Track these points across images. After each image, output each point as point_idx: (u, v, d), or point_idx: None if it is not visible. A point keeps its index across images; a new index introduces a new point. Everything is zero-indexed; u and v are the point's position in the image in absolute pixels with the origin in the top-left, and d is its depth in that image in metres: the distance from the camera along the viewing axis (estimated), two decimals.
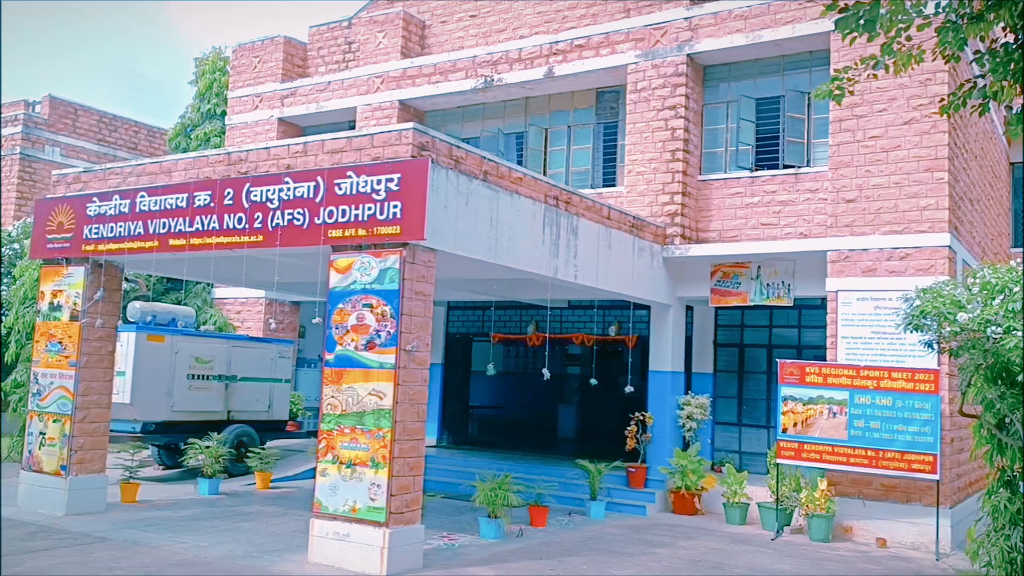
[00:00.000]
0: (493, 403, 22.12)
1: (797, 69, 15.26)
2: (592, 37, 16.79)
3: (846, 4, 5.11)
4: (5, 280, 19.34)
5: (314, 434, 19.49)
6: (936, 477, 12.06)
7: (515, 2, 18.66)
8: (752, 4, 15.06)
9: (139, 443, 15.38)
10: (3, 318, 18.47)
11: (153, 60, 75.28)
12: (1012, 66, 5.10)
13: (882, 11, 4.94)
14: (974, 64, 5.85)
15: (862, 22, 5.01)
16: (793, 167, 15.06)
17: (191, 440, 15.48)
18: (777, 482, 13.24)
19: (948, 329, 9.68)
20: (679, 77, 15.68)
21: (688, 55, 15.67)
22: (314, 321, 10.75)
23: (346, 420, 9.76)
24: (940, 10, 5.13)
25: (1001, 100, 5.55)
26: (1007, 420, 9.50)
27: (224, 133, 21.86)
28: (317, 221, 10.21)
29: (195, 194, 11.29)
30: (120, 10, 73.97)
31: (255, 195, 10.75)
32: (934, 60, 10.29)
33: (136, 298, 17.68)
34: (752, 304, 15.10)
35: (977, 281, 9.53)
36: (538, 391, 20.20)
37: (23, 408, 16.84)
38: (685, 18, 15.73)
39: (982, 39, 5.29)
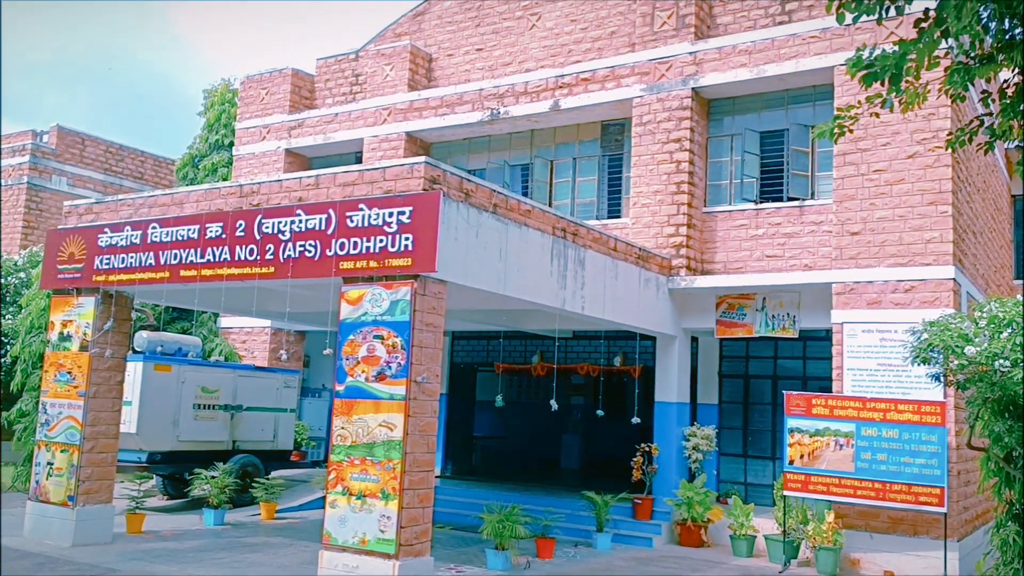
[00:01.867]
0: (497, 433, 22.10)
1: (801, 103, 15.44)
2: (597, 71, 16.99)
3: (871, 61, 5.22)
4: (11, 309, 19.41)
5: (318, 464, 19.49)
6: (943, 510, 12.04)
7: (521, 36, 18.91)
8: (756, 39, 15.27)
9: (144, 473, 15.37)
10: (8, 347, 18.51)
11: (160, 90, 75.89)
12: (1022, 107, 5.22)
13: (907, 65, 5.04)
14: (979, 103, 5.97)
15: (888, 76, 5.12)
16: (798, 200, 15.19)
17: (196, 470, 15.47)
18: (784, 514, 13.22)
19: (956, 362, 9.73)
20: (684, 111, 15.86)
21: (693, 89, 15.85)
22: (325, 352, 10.82)
23: (356, 451, 9.78)
24: (951, 49, 5.26)
25: (1010, 139, 5.67)
26: (1015, 453, 9.52)
27: (231, 163, 22.04)
28: (328, 253, 10.30)
29: (207, 225, 11.39)
30: (128, 37, 74.68)
31: (267, 227, 10.85)
32: (939, 98, 10.45)
33: (143, 328, 17.72)
34: (757, 336, 15.16)
35: (984, 315, 9.60)
36: (542, 421, 20.21)
37: (28, 438, 16.85)
38: (690, 53, 15.93)
39: (988, 80, 5.40)
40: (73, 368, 12.61)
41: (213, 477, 15.13)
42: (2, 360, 18.71)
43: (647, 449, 15.53)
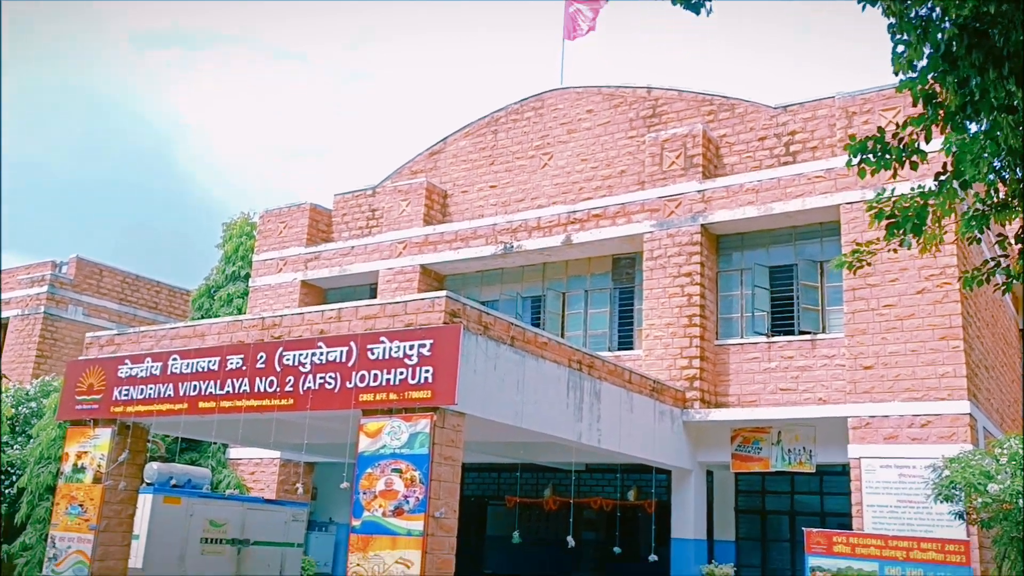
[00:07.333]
0: (508, 570, 21.52)
1: (809, 239, 15.80)
2: (608, 207, 17.47)
3: (893, 207, 5.49)
4: (19, 439, 19.27)
5: None
6: None
7: (533, 174, 19.55)
8: (762, 179, 15.78)
9: None
10: (15, 478, 18.29)
11: (173, 221, 77.72)
12: None
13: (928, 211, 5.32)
14: (995, 245, 6.21)
15: (910, 226, 5.37)
16: (809, 333, 15.33)
17: None
18: None
19: (978, 500, 9.66)
20: (693, 246, 16.22)
21: (702, 225, 16.26)
22: (342, 486, 10.71)
23: None
24: (965, 196, 5.53)
25: None
26: None
27: (247, 294, 22.38)
28: (348, 385, 10.38)
29: (228, 357, 11.52)
30: (143, 169, 77.02)
31: (288, 359, 10.98)
32: (954, 242, 10.73)
33: (154, 459, 17.57)
34: (774, 470, 15.00)
35: (1005, 451, 9.60)
36: (554, 557, 19.73)
37: (30, 572, 16.44)
38: (698, 191, 16.43)
39: (1003, 224, 5.66)
40: (85, 500, 12.50)
41: None
42: (7, 491, 18.46)
43: None
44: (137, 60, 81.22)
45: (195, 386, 11.72)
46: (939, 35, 4.76)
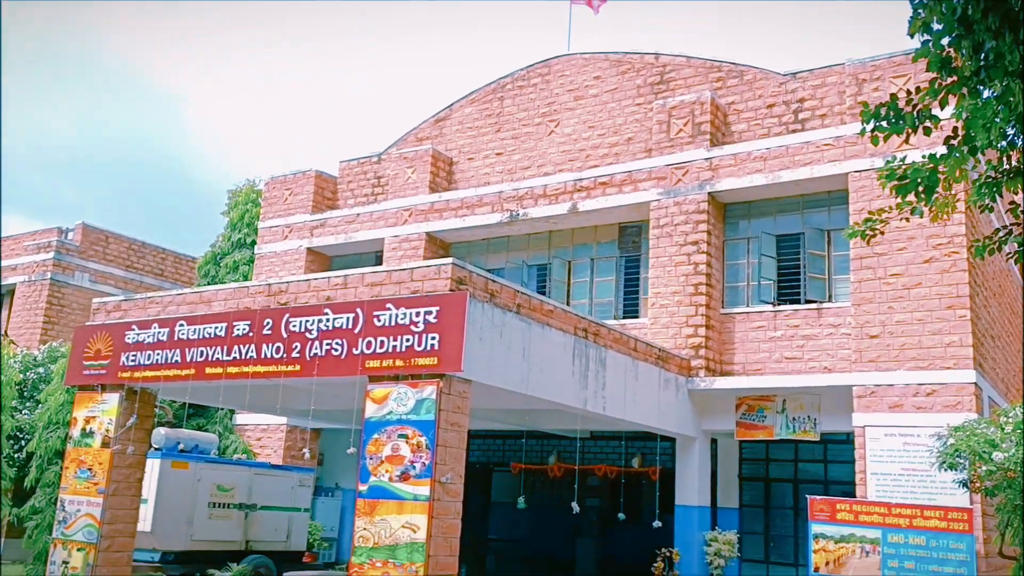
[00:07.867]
0: (512, 535, 21.72)
1: (816, 207, 15.73)
2: (615, 175, 17.39)
3: (904, 171, 5.44)
4: (28, 404, 19.41)
5: (331, 566, 19.12)
6: None
7: (539, 141, 19.44)
8: (771, 147, 15.67)
9: (157, 573, 15.11)
10: (24, 443, 18.45)
11: (178, 186, 77.62)
12: None
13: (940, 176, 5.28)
14: (1007, 213, 6.17)
15: (922, 189, 5.33)
16: (815, 302, 15.31)
17: (209, 571, 15.20)
18: None
19: (983, 468, 9.70)
20: (700, 214, 16.15)
21: (709, 193, 16.19)
22: (349, 451, 10.79)
23: (378, 553, 9.67)
24: (978, 163, 5.47)
25: None
26: None
27: (253, 262, 22.40)
28: (355, 351, 10.41)
29: (234, 323, 11.54)
30: (146, 134, 76.81)
31: (294, 325, 11.00)
32: (967, 210, 10.65)
33: (162, 424, 17.70)
34: (778, 438, 15.06)
35: (1010, 420, 9.61)
36: (558, 524, 19.91)
37: (39, 535, 16.63)
38: (705, 159, 16.34)
39: (1015, 192, 5.62)
40: (94, 465, 12.60)
41: None
42: (17, 456, 18.62)
43: (668, 554, 15.24)
44: (142, 26, 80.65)
45: (202, 352, 11.76)
46: None
